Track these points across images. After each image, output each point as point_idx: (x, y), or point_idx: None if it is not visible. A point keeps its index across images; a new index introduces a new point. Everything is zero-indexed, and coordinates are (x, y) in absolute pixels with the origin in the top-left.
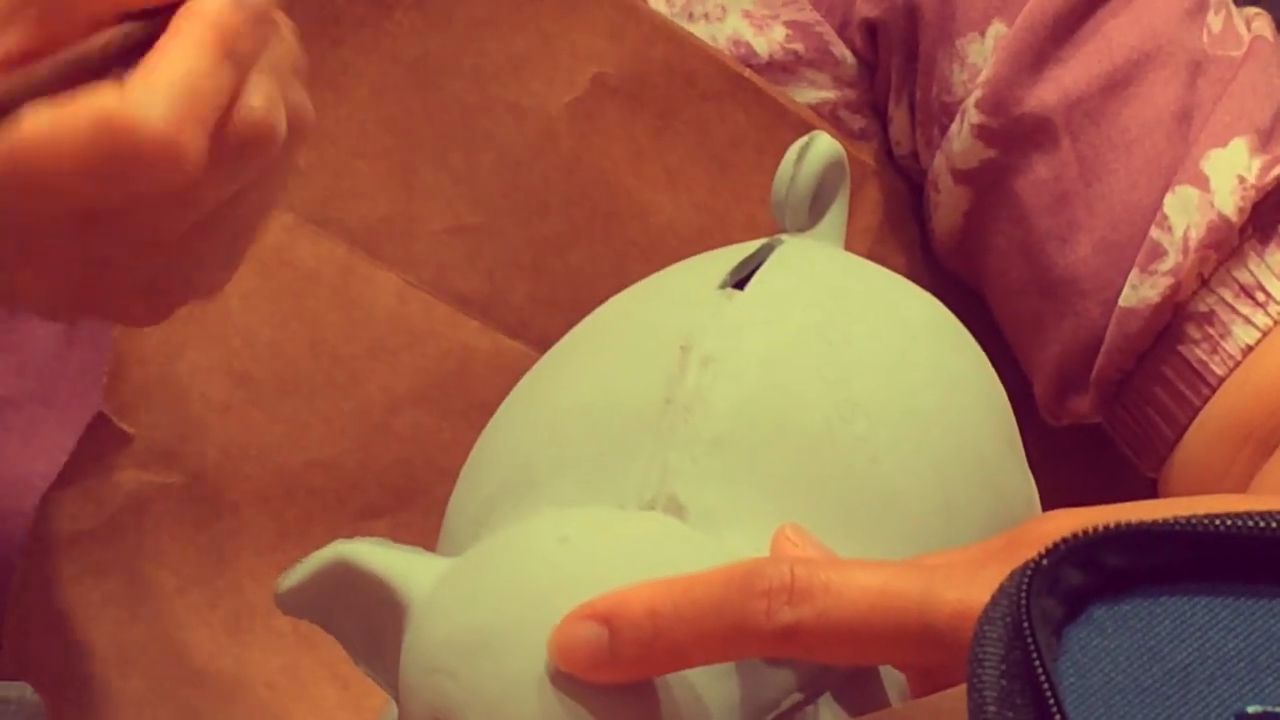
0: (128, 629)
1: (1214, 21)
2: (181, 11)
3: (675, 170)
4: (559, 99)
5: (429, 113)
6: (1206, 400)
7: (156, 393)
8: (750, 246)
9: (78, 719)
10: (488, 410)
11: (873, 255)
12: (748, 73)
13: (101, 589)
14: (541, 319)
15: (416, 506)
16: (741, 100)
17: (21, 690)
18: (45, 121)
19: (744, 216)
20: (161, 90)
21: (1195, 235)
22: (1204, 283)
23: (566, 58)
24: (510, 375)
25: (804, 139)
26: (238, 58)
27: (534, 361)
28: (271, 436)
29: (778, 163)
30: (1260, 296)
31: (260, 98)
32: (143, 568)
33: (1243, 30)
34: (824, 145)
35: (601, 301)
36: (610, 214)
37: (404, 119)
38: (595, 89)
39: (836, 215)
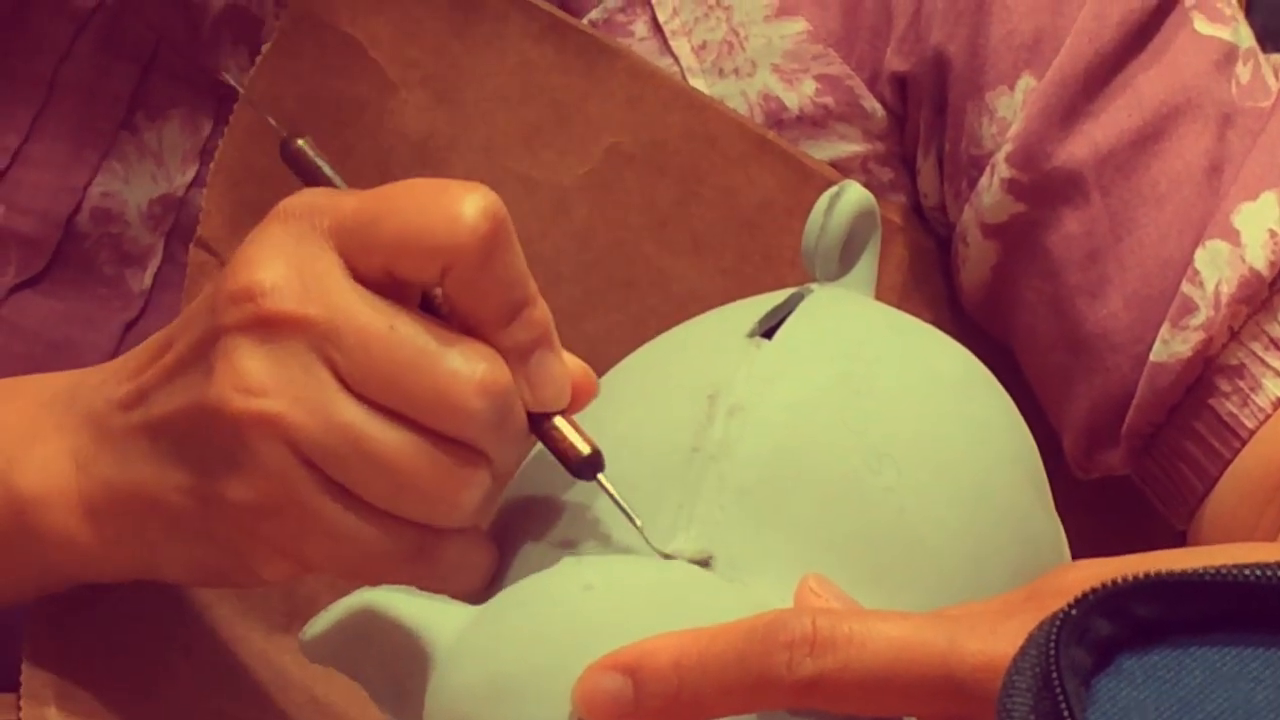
0: (143, 696)
1: (1242, 72)
2: None
3: (701, 236)
4: (572, 170)
5: None
6: (1237, 453)
7: None
8: (779, 295)
9: None
10: None
11: None
12: (771, 135)
13: (115, 654)
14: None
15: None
16: (768, 163)
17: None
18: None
19: (773, 279)
20: None
21: (1226, 290)
22: (1234, 336)
23: (580, 128)
24: None
25: (835, 188)
26: None
27: None
28: None
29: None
30: None
31: None
32: (153, 646)
33: (1271, 80)
34: (855, 194)
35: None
36: (627, 282)
37: None
38: (611, 158)
39: (867, 264)
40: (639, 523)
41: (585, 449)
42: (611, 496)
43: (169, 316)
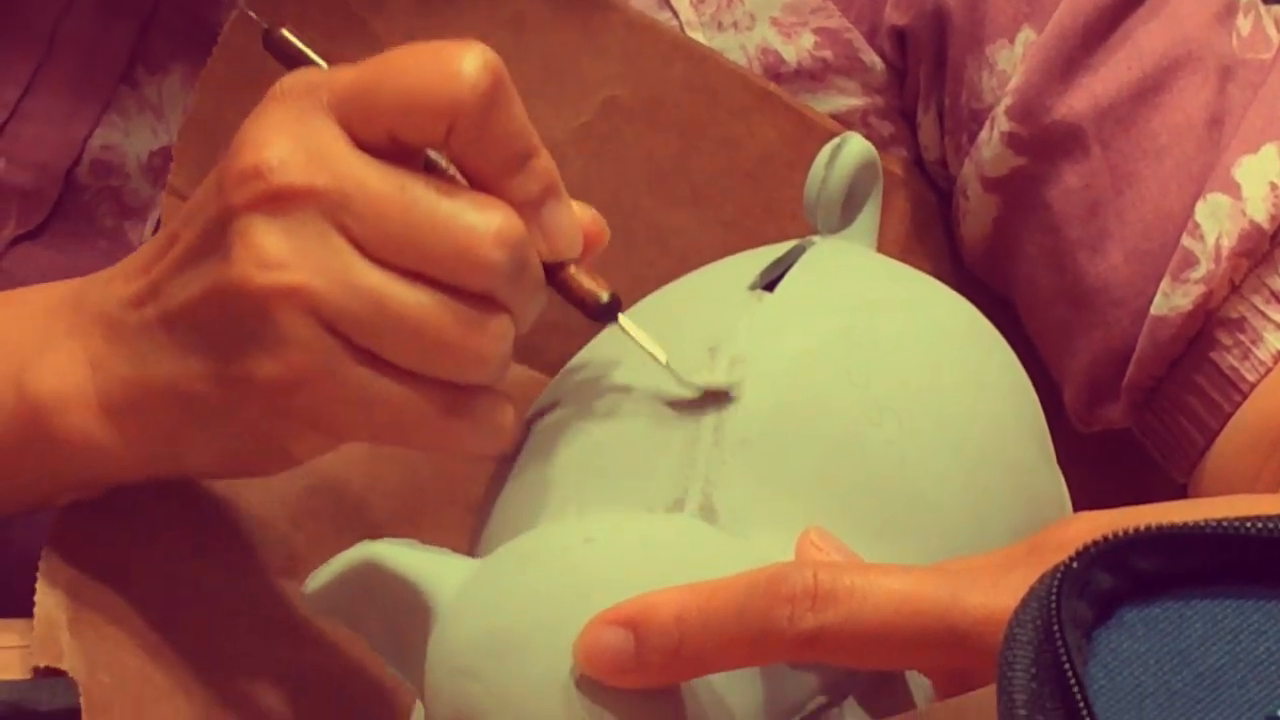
0: (157, 625)
1: (1243, 24)
2: None
3: (701, 189)
4: (567, 123)
5: None
6: (1238, 406)
7: None
8: (781, 248)
9: (113, 704)
10: None
11: None
12: (773, 87)
13: (129, 582)
14: (554, 345)
15: (426, 528)
16: (769, 115)
17: (56, 684)
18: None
19: (775, 231)
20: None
21: (1227, 243)
22: (1235, 290)
23: (574, 82)
24: (520, 401)
25: (836, 140)
26: None
27: (541, 385)
28: None
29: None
30: None
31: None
32: (167, 577)
33: (1271, 32)
34: (856, 146)
35: None
36: (626, 236)
37: None
38: (607, 111)
39: (869, 216)
40: (664, 359)
41: (604, 294)
42: (632, 338)
43: None
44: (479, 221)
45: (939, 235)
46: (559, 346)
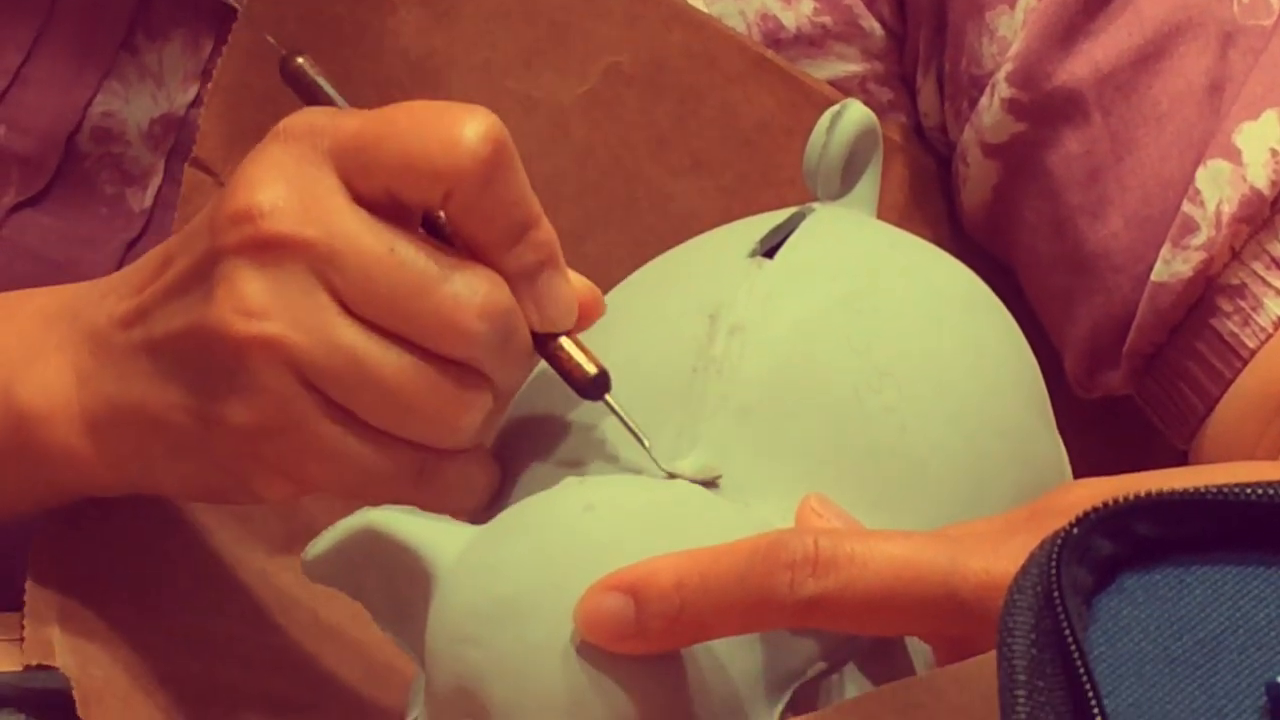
0: (148, 614)
1: None
2: None
3: (701, 155)
4: (571, 90)
5: None
6: (1238, 373)
7: None
8: (781, 215)
9: (106, 694)
10: None
11: None
12: (770, 53)
13: (117, 573)
14: None
15: None
16: (767, 82)
17: (49, 675)
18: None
19: (773, 198)
20: None
21: (1228, 209)
22: (1236, 256)
23: (579, 48)
24: None
25: (837, 107)
26: None
27: None
28: None
29: (806, 143)
30: None
31: None
32: (156, 566)
33: None
34: (856, 113)
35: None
36: (628, 203)
37: None
38: (609, 77)
39: (869, 183)
40: (648, 443)
41: (592, 369)
42: (619, 416)
43: (169, 236)
44: (465, 290)
45: (938, 202)
46: None
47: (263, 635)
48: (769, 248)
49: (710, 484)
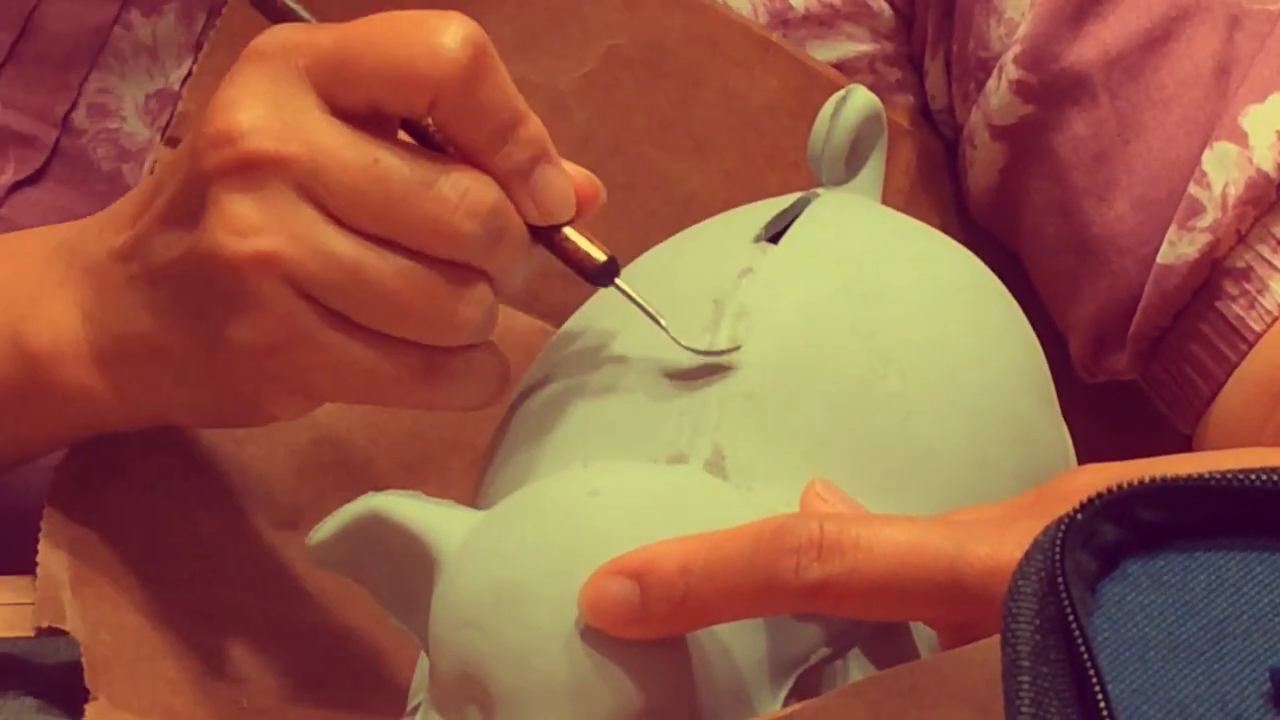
0: (158, 581)
1: None
2: None
3: (703, 138)
4: (570, 73)
5: None
6: (1244, 356)
7: None
8: (786, 200)
9: (114, 662)
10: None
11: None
12: (775, 36)
13: (128, 541)
14: (554, 292)
15: (431, 479)
16: (771, 65)
17: (58, 642)
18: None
19: (777, 181)
20: None
21: (1234, 192)
22: (1242, 239)
23: (577, 32)
24: (521, 349)
25: (841, 92)
26: None
27: (544, 334)
28: None
29: (811, 127)
30: None
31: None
32: (165, 535)
33: None
34: (861, 98)
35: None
36: (628, 186)
37: None
38: (609, 61)
39: (874, 169)
40: (664, 322)
41: (601, 256)
42: (631, 298)
43: None
44: (451, 192)
45: (944, 187)
46: (559, 293)
47: (271, 608)
48: (774, 233)
49: (732, 351)
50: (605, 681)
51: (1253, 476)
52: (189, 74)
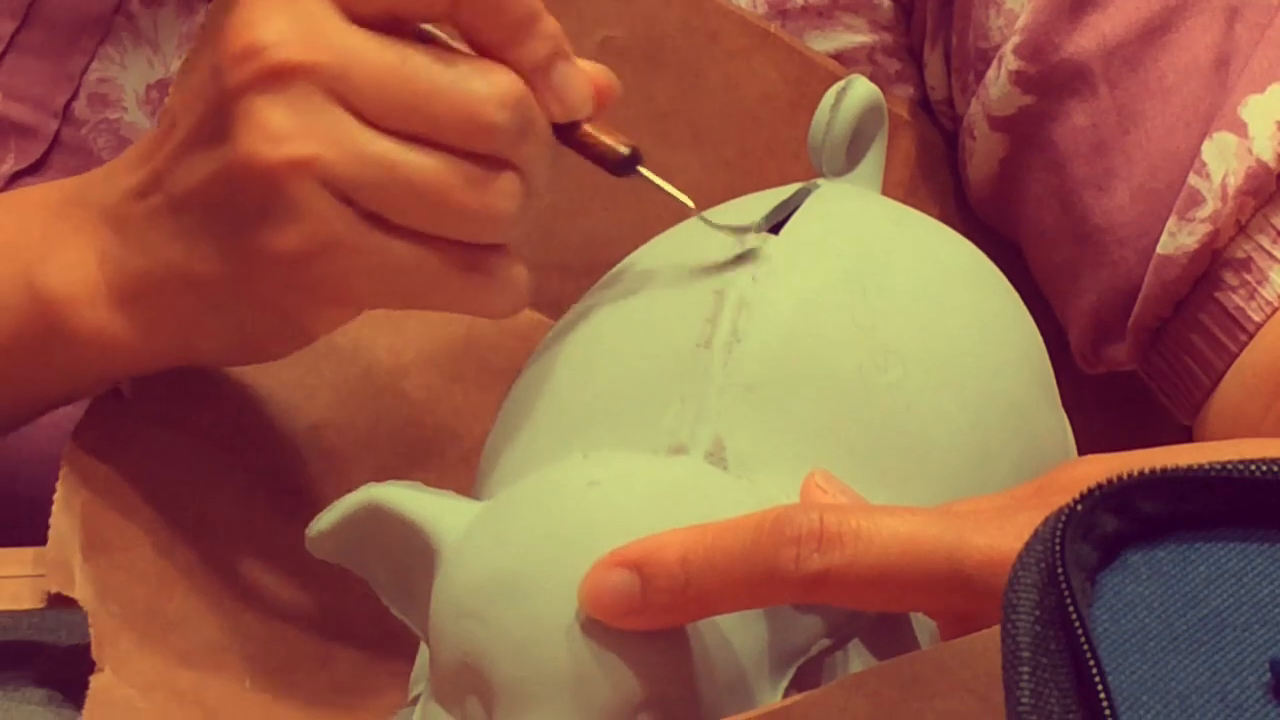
0: (166, 555)
1: None
2: None
3: (702, 129)
4: None
5: None
6: (1244, 347)
7: None
8: (786, 191)
9: (120, 634)
10: (497, 374)
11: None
12: (774, 28)
13: (138, 515)
14: (552, 284)
15: (430, 467)
16: (770, 56)
17: (66, 617)
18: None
19: (777, 172)
20: None
21: (1234, 182)
22: (1241, 229)
23: (572, 22)
24: (518, 340)
25: (841, 83)
26: None
27: (543, 327)
28: (277, 403)
29: (810, 117)
30: None
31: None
32: (175, 510)
33: None
34: (861, 88)
35: (616, 265)
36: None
37: None
38: (604, 52)
39: (874, 159)
40: (692, 204)
41: (624, 149)
42: (660, 185)
43: None
44: (481, 85)
45: (945, 177)
46: (558, 287)
47: (279, 585)
48: (774, 224)
49: (748, 230)
50: (605, 672)
51: (1253, 467)
52: None
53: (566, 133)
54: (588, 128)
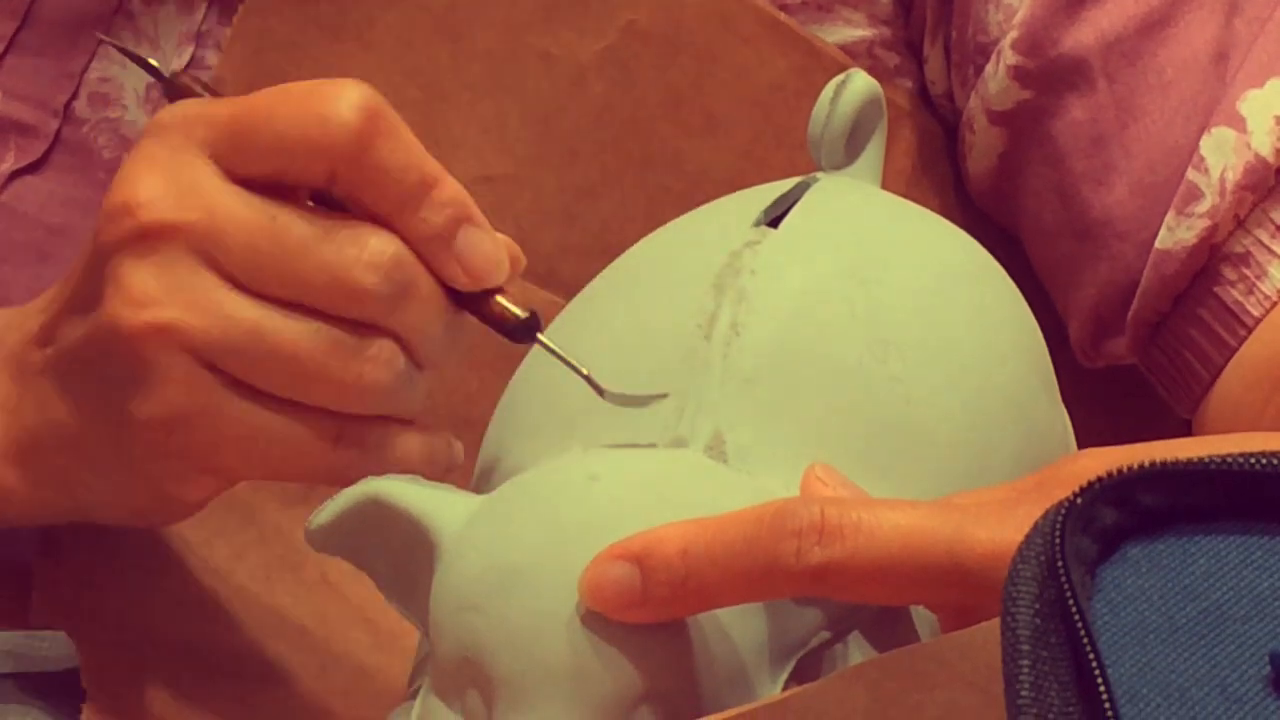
0: (158, 579)
1: None
2: None
3: (715, 115)
4: (590, 47)
5: (456, 63)
6: (1242, 341)
7: None
8: (786, 184)
9: (109, 665)
10: (513, 359)
11: (906, 198)
12: (783, 16)
13: (129, 541)
14: (570, 267)
15: None
16: (779, 44)
17: (55, 637)
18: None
19: (785, 160)
20: None
21: (1232, 177)
22: (1240, 224)
23: (597, 5)
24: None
25: (840, 76)
26: None
27: (561, 310)
28: None
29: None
30: None
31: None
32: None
33: None
34: (860, 82)
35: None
36: (643, 161)
37: (431, 69)
38: (627, 36)
39: (873, 153)
40: (585, 371)
41: (523, 313)
42: (553, 352)
43: None
44: (350, 246)
45: (944, 170)
46: (573, 269)
47: (270, 596)
48: (773, 217)
49: (659, 397)
50: (605, 665)
51: (1253, 460)
52: (189, 63)
53: (474, 301)
54: (499, 298)
